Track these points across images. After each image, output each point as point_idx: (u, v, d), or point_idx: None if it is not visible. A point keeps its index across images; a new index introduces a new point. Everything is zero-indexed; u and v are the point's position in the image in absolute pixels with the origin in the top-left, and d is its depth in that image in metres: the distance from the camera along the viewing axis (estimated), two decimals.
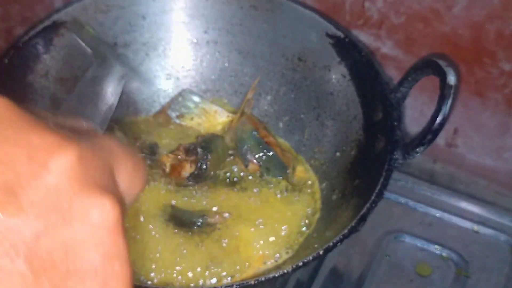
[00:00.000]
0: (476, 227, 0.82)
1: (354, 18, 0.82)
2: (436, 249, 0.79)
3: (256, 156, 0.78)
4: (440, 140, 0.87)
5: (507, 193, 0.86)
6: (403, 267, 0.78)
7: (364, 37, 0.83)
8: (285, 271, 0.59)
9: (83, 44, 0.71)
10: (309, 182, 0.79)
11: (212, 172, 0.76)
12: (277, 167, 0.78)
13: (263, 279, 0.58)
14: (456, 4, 0.75)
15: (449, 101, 0.64)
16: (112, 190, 0.28)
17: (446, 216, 0.83)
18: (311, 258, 0.60)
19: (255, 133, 0.78)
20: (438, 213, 0.83)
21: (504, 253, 0.79)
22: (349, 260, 0.78)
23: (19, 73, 0.72)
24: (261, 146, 0.78)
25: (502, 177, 0.86)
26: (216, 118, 0.82)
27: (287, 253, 0.72)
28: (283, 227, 0.74)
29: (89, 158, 0.27)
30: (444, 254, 0.79)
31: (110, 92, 0.60)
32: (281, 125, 0.84)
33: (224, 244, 0.71)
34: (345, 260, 0.78)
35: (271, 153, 0.78)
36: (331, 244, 0.61)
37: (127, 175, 0.30)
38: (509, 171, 0.86)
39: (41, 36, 0.74)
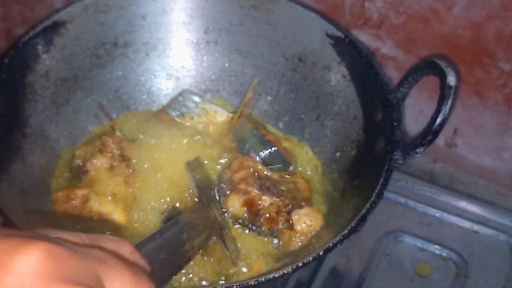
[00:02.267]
0: (476, 227, 0.82)
1: (354, 18, 0.82)
2: (436, 249, 0.80)
3: (260, 153, 0.78)
4: (440, 140, 0.87)
5: (507, 193, 0.86)
6: (403, 267, 0.78)
7: (364, 37, 0.83)
8: (285, 271, 0.59)
9: (193, 184, 0.72)
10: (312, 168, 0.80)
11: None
12: (280, 162, 0.78)
13: (263, 279, 0.58)
14: (456, 5, 0.75)
15: (449, 102, 0.64)
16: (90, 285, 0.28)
17: (446, 216, 0.83)
18: (311, 258, 0.60)
19: (256, 131, 0.78)
20: (438, 213, 0.83)
21: (503, 253, 0.79)
22: (349, 260, 0.78)
23: (19, 73, 0.72)
24: (263, 143, 0.78)
25: (502, 177, 0.86)
26: (216, 118, 0.82)
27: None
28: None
29: (63, 255, 0.28)
30: (444, 254, 0.79)
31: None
32: (281, 125, 0.84)
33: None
34: (345, 260, 0.78)
35: (274, 149, 0.78)
36: (331, 244, 0.61)
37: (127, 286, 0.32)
38: (509, 171, 0.86)
39: (41, 36, 0.74)
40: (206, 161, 0.78)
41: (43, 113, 0.76)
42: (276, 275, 0.59)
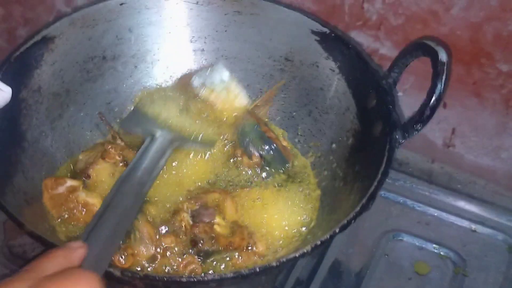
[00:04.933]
0: (474, 226, 0.82)
1: (353, 19, 0.82)
2: (434, 248, 0.80)
3: (258, 149, 0.78)
4: (439, 140, 0.88)
5: (505, 193, 0.86)
6: (402, 266, 0.78)
7: (363, 38, 0.83)
8: (305, 250, 0.59)
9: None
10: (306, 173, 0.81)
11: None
12: (278, 160, 0.79)
13: (284, 259, 0.59)
14: (454, 6, 0.75)
15: (443, 77, 0.65)
16: None
17: (444, 215, 0.83)
18: (328, 236, 0.60)
19: (257, 127, 0.79)
20: (436, 213, 0.83)
21: (501, 252, 0.80)
22: (348, 259, 0.78)
23: (13, 88, 0.71)
24: (263, 139, 0.79)
25: (500, 176, 0.87)
26: (234, 102, 0.81)
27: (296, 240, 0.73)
28: (286, 218, 0.75)
29: None
30: (442, 253, 0.80)
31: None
32: (274, 125, 0.85)
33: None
34: (344, 259, 0.78)
35: (273, 146, 0.79)
36: (345, 222, 0.61)
37: None
38: (507, 171, 0.86)
39: (32, 51, 0.75)
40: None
41: (39, 128, 0.76)
42: (297, 255, 0.59)
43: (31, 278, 0.42)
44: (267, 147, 0.79)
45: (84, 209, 0.71)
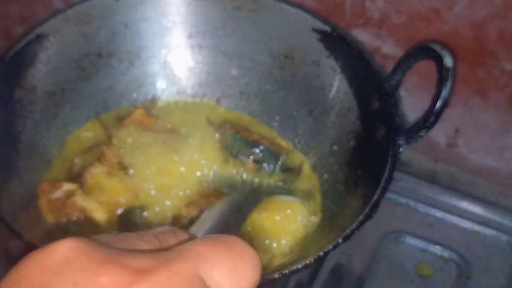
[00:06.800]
0: (477, 227, 0.81)
1: (355, 17, 0.81)
2: (437, 249, 0.79)
3: (248, 154, 0.78)
4: (441, 140, 0.87)
5: (509, 193, 0.86)
6: (404, 267, 0.78)
7: (364, 36, 0.83)
8: (308, 262, 0.58)
9: None
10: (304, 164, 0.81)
11: None
12: (270, 157, 0.79)
13: (287, 271, 0.58)
14: (457, 4, 0.75)
15: (448, 83, 0.63)
16: None
17: (447, 216, 0.82)
18: (331, 247, 0.59)
19: (238, 135, 0.79)
20: (439, 214, 0.83)
21: (505, 253, 0.79)
22: (350, 261, 0.78)
23: (8, 89, 0.71)
24: (248, 145, 0.79)
25: (504, 177, 0.86)
26: None
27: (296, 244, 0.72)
28: (287, 223, 0.74)
29: (166, 284, 0.26)
30: (445, 255, 0.79)
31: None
32: (273, 124, 0.84)
33: None
34: (346, 260, 0.78)
35: (261, 147, 0.78)
36: (348, 232, 0.61)
37: (226, 275, 0.29)
38: (511, 171, 0.86)
39: (26, 50, 0.73)
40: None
41: (34, 129, 0.75)
42: (300, 266, 0.58)
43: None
44: (256, 150, 0.78)
45: (82, 215, 0.70)
